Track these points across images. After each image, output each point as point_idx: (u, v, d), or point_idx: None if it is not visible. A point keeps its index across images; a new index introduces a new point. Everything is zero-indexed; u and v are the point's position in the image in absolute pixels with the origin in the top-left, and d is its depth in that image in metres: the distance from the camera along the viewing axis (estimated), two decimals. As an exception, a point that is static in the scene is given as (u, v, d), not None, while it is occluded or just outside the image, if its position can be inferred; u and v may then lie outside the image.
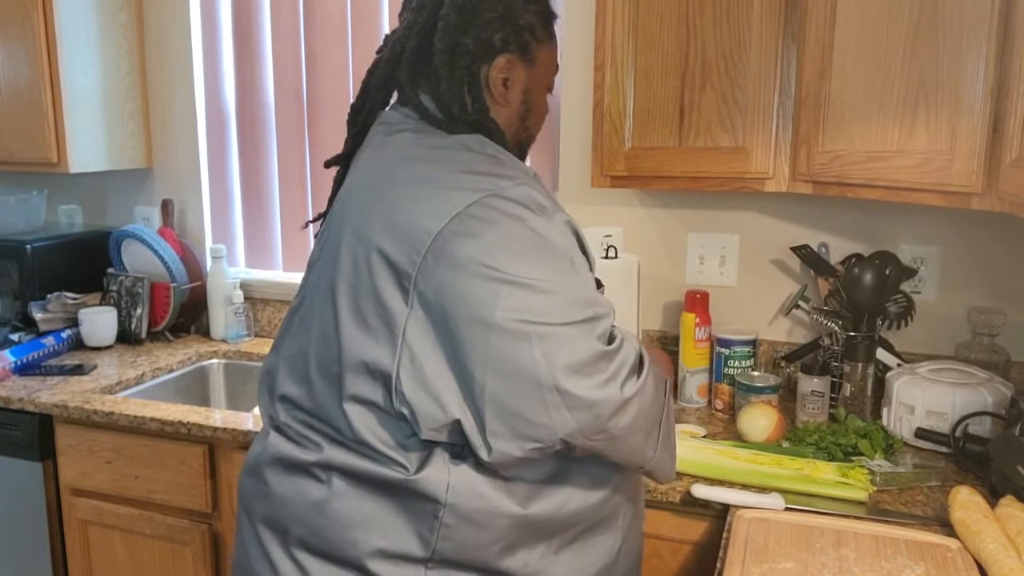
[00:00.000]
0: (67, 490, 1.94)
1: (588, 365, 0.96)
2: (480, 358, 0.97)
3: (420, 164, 1.09)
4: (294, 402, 1.12)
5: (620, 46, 1.67)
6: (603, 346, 0.98)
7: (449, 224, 1.00)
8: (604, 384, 0.97)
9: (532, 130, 1.25)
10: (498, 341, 0.97)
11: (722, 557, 1.21)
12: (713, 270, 2.01)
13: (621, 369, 0.99)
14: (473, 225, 1.00)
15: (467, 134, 1.13)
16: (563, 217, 1.06)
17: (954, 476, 1.46)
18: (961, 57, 1.26)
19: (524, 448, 0.98)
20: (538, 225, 1.02)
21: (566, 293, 0.99)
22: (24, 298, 2.28)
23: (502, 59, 1.16)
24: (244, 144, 2.44)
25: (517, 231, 1.00)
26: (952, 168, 1.28)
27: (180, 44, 2.41)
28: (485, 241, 0.99)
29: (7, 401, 1.92)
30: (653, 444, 1.08)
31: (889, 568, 1.15)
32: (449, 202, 1.02)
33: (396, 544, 1.03)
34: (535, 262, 0.99)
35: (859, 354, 1.67)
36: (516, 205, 1.02)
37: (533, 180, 1.09)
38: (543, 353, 0.95)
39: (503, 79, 1.17)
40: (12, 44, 2.19)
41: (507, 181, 1.04)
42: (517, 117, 1.21)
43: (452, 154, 1.09)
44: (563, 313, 0.97)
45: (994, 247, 1.78)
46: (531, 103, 1.22)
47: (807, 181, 1.57)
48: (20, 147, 2.24)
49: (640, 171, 1.70)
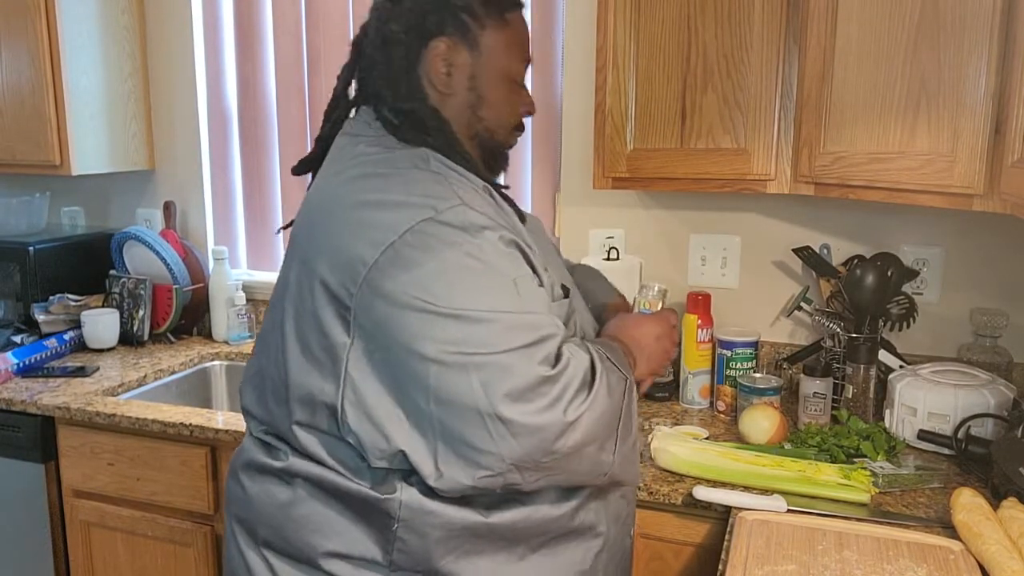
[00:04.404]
0: (69, 492, 1.94)
1: (529, 391, 0.95)
2: (422, 389, 0.97)
3: (363, 185, 1.05)
4: (257, 419, 1.15)
5: (622, 48, 1.67)
6: (545, 370, 0.97)
7: (383, 254, 0.98)
8: (546, 408, 0.96)
9: (490, 121, 1.16)
10: (437, 373, 0.96)
11: (724, 559, 1.21)
12: (715, 272, 2.01)
13: (566, 391, 0.98)
14: (407, 254, 0.97)
15: (418, 140, 1.09)
16: (503, 235, 1.02)
17: (956, 478, 1.46)
18: (962, 59, 1.26)
19: (474, 476, 0.97)
20: (475, 249, 0.99)
21: (504, 320, 0.97)
22: (26, 300, 2.28)
23: (439, 43, 1.10)
24: (246, 145, 2.44)
25: (452, 259, 0.98)
26: (954, 170, 1.28)
27: (182, 46, 2.42)
28: (418, 272, 0.97)
29: (9, 403, 1.92)
30: (611, 448, 1.06)
31: (891, 570, 1.15)
32: (384, 229, 0.99)
33: (356, 550, 1.05)
34: (471, 290, 0.97)
35: (861, 356, 1.67)
36: (452, 230, 0.99)
37: (474, 196, 1.05)
38: (481, 382, 0.95)
39: (443, 65, 1.11)
40: (15, 46, 2.19)
41: (444, 203, 1.00)
42: (467, 107, 1.14)
43: (394, 175, 1.06)
44: (501, 341, 0.96)
45: (996, 249, 1.78)
46: (481, 91, 1.14)
47: (809, 183, 1.57)
48: (23, 149, 2.24)
49: (642, 172, 1.70)
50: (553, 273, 1.14)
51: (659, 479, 1.47)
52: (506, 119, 1.18)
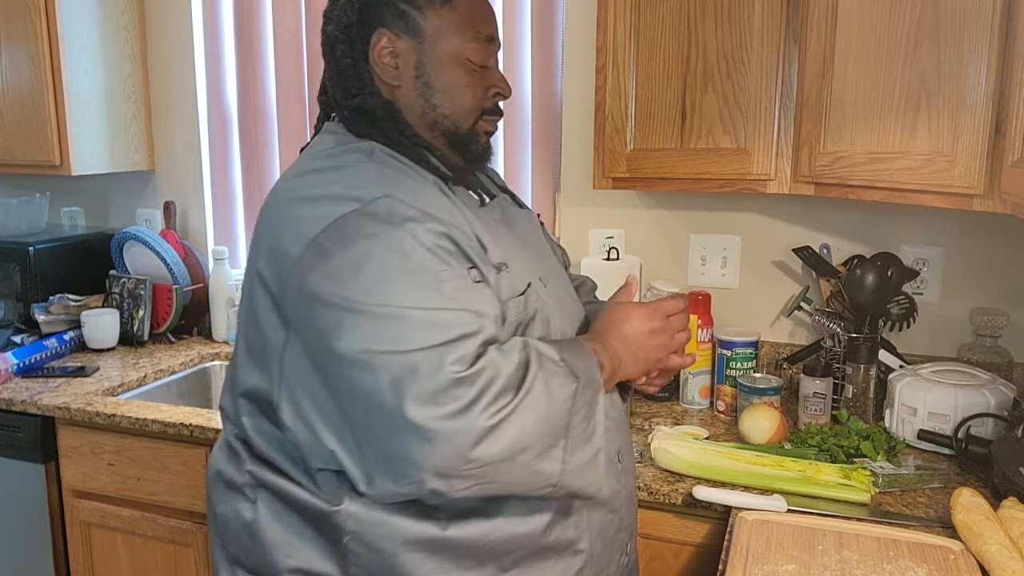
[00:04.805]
0: (69, 492, 1.94)
1: (440, 393, 0.90)
2: (343, 389, 0.95)
3: (300, 181, 1.04)
4: (230, 420, 1.13)
5: (622, 48, 1.67)
6: (458, 370, 0.91)
7: (308, 248, 0.96)
8: (459, 413, 0.90)
9: (446, 108, 1.11)
10: (351, 373, 0.93)
11: (724, 559, 1.21)
12: (715, 271, 2.01)
13: (484, 393, 0.91)
14: (327, 248, 0.95)
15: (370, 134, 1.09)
16: (431, 227, 0.98)
17: (956, 478, 1.46)
18: (962, 58, 1.26)
19: (400, 483, 0.93)
20: (395, 242, 0.95)
21: (417, 317, 0.92)
22: (26, 300, 2.28)
23: (379, 36, 1.08)
24: (246, 146, 2.44)
25: (370, 252, 0.94)
26: (954, 169, 1.28)
27: (182, 46, 2.42)
28: (335, 265, 0.94)
29: (9, 403, 1.92)
30: (558, 457, 0.98)
31: (891, 570, 1.15)
32: (311, 223, 0.97)
33: (316, 566, 1.03)
34: (386, 285, 0.93)
35: (861, 356, 1.67)
36: (374, 222, 0.96)
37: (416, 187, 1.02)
38: (390, 383, 0.91)
39: (389, 56, 1.09)
40: (15, 47, 2.19)
41: (370, 195, 0.98)
42: (417, 95, 1.10)
43: (331, 170, 1.04)
44: (412, 339, 0.91)
45: (996, 249, 1.78)
46: (429, 77, 1.09)
47: (809, 182, 1.57)
48: (23, 149, 2.24)
49: (642, 172, 1.71)
50: (522, 267, 1.09)
51: (659, 479, 1.47)
52: (466, 104, 1.12)
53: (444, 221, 1.00)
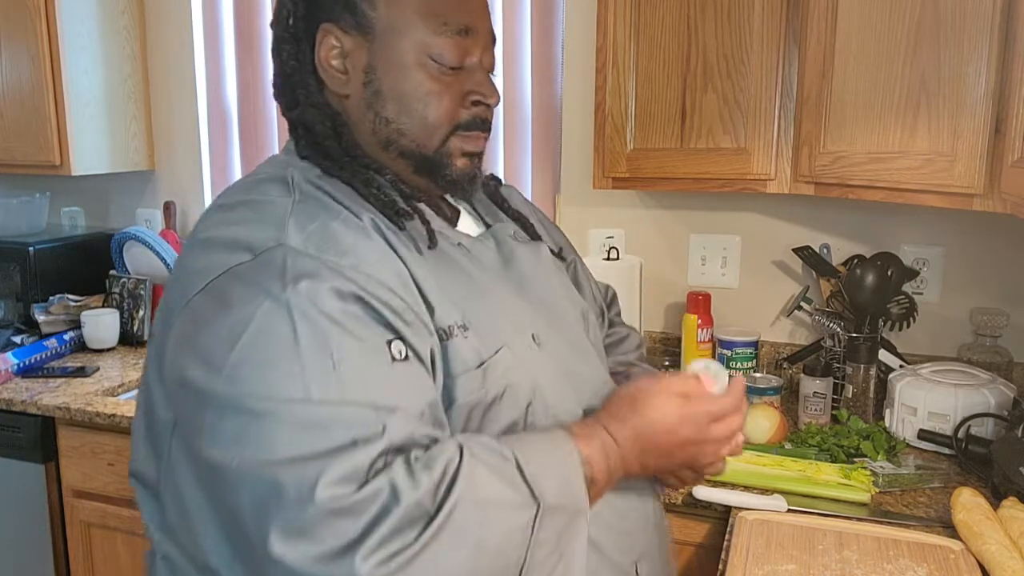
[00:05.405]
0: (69, 492, 1.94)
1: (313, 525, 0.67)
2: (215, 501, 0.75)
3: (208, 219, 0.85)
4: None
5: (622, 48, 1.67)
6: (339, 494, 0.67)
7: (184, 310, 0.77)
8: (338, 555, 0.66)
9: (402, 124, 0.87)
10: (211, 478, 0.73)
11: (724, 559, 1.21)
12: (715, 271, 2.00)
13: (374, 529, 0.67)
14: (202, 313, 0.75)
15: (312, 155, 0.89)
16: (336, 286, 0.74)
17: (956, 478, 1.46)
18: (962, 58, 1.26)
19: None
20: (282, 308, 0.72)
21: (293, 414, 0.70)
22: (26, 300, 2.28)
23: (327, 33, 0.87)
24: (246, 146, 2.44)
25: (247, 320, 0.72)
26: (954, 169, 1.28)
27: (182, 46, 2.41)
28: (206, 339, 0.74)
29: (9, 403, 1.92)
30: None
31: (891, 570, 1.15)
32: (197, 275, 0.78)
33: None
34: (260, 367, 0.71)
35: (861, 355, 1.67)
36: (261, 280, 0.74)
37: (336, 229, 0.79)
38: (253, 504, 0.69)
39: (336, 58, 0.88)
40: (15, 47, 2.19)
41: (265, 244, 0.77)
42: (365, 107, 0.88)
43: (241, 205, 0.84)
44: (278, 446, 0.69)
45: (996, 248, 1.78)
46: (380, 84, 0.87)
47: (809, 182, 1.57)
48: (23, 149, 2.24)
49: (642, 172, 1.70)
50: (497, 325, 0.86)
51: (659, 479, 1.47)
52: (428, 117, 0.87)
53: (361, 277, 0.76)
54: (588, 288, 1.13)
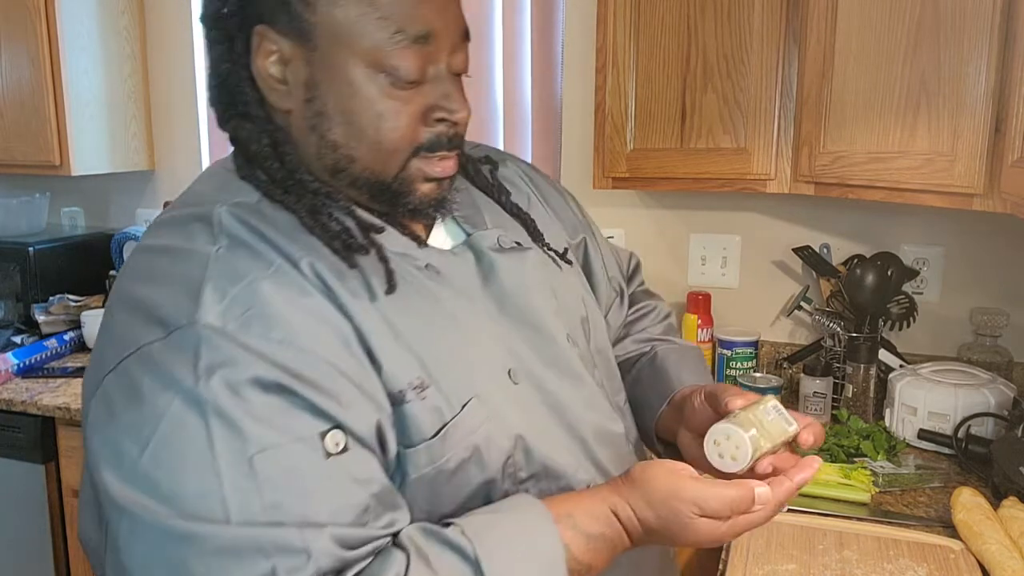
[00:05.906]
0: (69, 492, 1.94)
1: None
2: None
3: (132, 264, 0.74)
4: None
5: (622, 48, 1.67)
6: None
7: (97, 390, 0.68)
8: None
9: (351, 148, 0.74)
10: None
11: (724, 559, 1.21)
12: (715, 271, 2.00)
13: None
14: (113, 400, 0.66)
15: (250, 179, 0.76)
16: (262, 374, 0.64)
17: (956, 477, 1.46)
18: (962, 58, 1.26)
19: None
20: (194, 405, 0.63)
21: (210, 539, 0.61)
22: (26, 300, 2.28)
23: (261, 36, 0.72)
24: (246, 146, 2.44)
25: (158, 418, 0.63)
26: (954, 169, 1.28)
27: (181, 46, 2.41)
28: (115, 433, 0.65)
29: (9, 403, 1.92)
30: None
31: (891, 569, 1.15)
32: (113, 346, 0.68)
33: None
34: (171, 475, 0.62)
35: (861, 355, 1.67)
36: (172, 370, 0.64)
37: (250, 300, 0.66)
38: None
39: (275, 67, 0.73)
40: (15, 47, 2.19)
41: (182, 316, 0.65)
42: (308, 128, 0.74)
43: (164, 253, 0.72)
44: (196, 572, 0.61)
45: (996, 248, 1.78)
46: (323, 103, 0.72)
47: (809, 182, 1.57)
48: (23, 150, 2.24)
49: (642, 172, 1.70)
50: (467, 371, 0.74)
51: (659, 479, 1.47)
52: (382, 141, 0.73)
53: (289, 355, 0.65)
54: (601, 275, 1.01)
